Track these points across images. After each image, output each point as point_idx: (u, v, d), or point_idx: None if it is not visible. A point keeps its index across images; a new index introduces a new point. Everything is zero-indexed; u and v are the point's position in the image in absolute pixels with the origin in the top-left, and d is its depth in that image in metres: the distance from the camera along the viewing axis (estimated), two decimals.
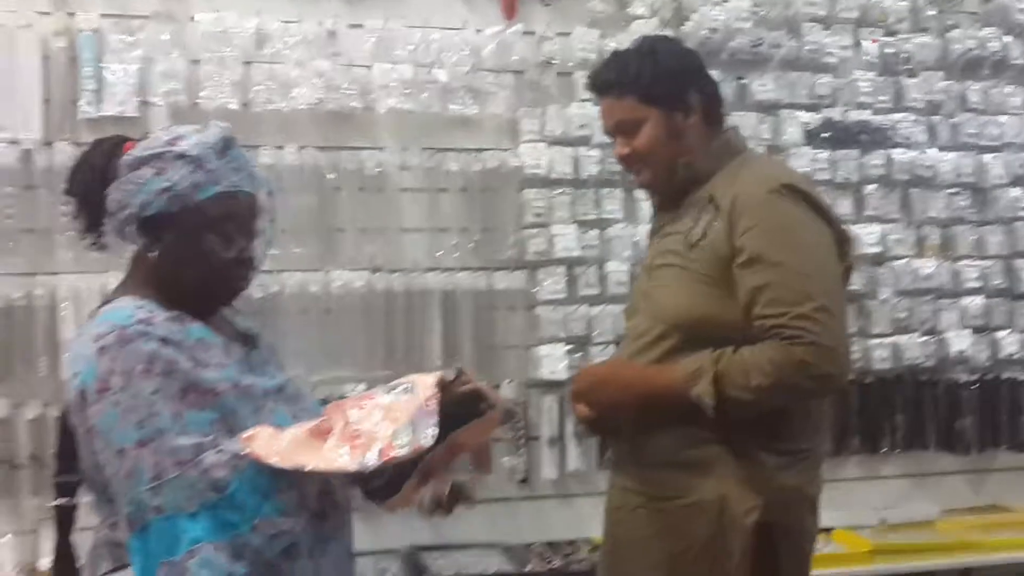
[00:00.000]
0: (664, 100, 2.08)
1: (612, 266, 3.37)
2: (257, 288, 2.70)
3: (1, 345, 2.97)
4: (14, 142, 2.99)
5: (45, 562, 2.82)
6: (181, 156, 1.62)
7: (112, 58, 3.06)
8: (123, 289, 1.68)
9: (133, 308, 1.59)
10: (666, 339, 2.03)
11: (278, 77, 3.16)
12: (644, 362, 2.07)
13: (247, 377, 1.64)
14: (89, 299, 2.99)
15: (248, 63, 3.16)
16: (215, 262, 1.65)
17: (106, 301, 1.68)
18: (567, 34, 3.43)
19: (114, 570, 1.60)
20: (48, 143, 3.02)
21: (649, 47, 2.15)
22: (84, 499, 1.73)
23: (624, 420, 2.11)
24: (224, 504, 1.48)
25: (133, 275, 1.69)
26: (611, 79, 2.14)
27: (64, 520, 1.71)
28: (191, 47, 3.13)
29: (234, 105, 3.12)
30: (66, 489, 1.69)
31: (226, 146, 1.67)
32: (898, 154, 3.66)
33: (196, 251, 1.64)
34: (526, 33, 3.40)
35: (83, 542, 1.73)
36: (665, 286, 2.07)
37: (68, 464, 1.65)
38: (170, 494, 1.48)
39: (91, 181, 1.65)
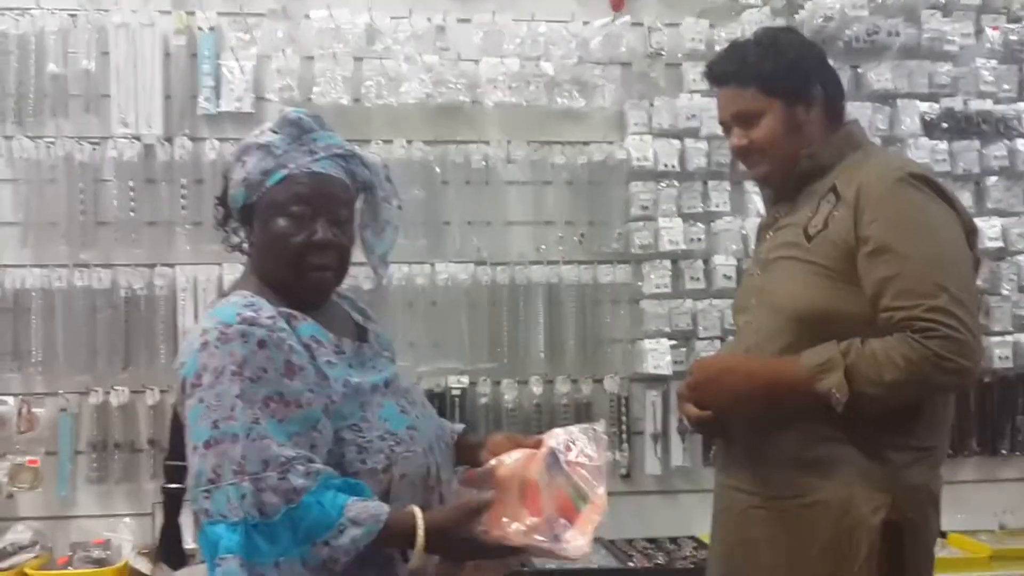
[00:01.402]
0: (786, 92, 2.03)
1: (718, 260, 3.33)
2: (365, 279, 2.74)
3: (123, 334, 3.10)
4: (136, 138, 3.12)
5: None
6: (260, 146, 1.67)
7: (229, 55, 3.16)
8: (240, 283, 1.73)
9: (241, 305, 1.60)
10: (786, 334, 1.98)
11: (388, 72, 3.21)
12: (763, 355, 2.02)
13: (355, 374, 1.66)
14: (207, 289, 3.11)
15: (359, 59, 3.22)
16: (288, 246, 1.65)
17: (224, 294, 1.73)
18: (676, 25, 3.40)
19: None
20: (168, 138, 3.14)
21: (772, 38, 2.10)
22: None
23: (734, 420, 2.06)
24: (263, 528, 1.49)
25: (248, 270, 1.74)
26: (732, 69, 2.08)
27: (172, 503, 1.76)
28: (305, 44, 3.21)
29: (345, 100, 3.19)
30: (176, 474, 1.73)
31: (301, 130, 1.68)
32: (1022, 145, 3.52)
33: (272, 237, 1.66)
34: (634, 24, 3.38)
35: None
36: (784, 280, 2.02)
37: (179, 450, 1.68)
38: (220, 500, 1.50)
39: (224, 184, 1.72)
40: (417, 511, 1.58)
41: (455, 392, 3.20)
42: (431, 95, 3.22)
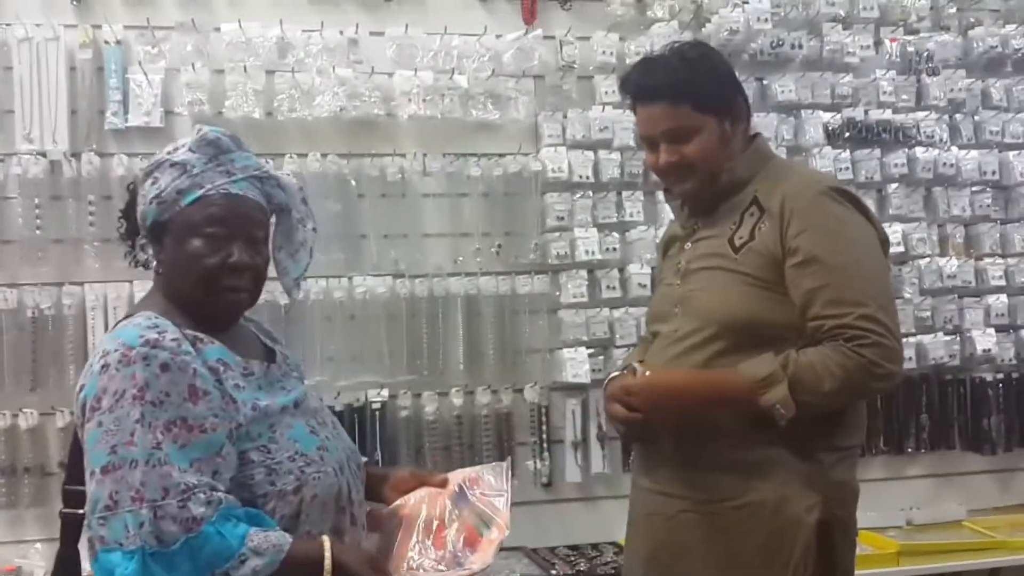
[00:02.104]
0: (718, 108, 2.07)
1: (633, 269, 3.38)
2: (281, 295, 2.72)
3: (30, 354, 3.01)
4: (42, 154, 3.04)
5: None
6: (173, 164, 1.65)
7: (137, 69, 3.10)
8: (144, 303, 1.70)
9: (144, 327, 1.57)
10: (715, 341, 2.02)
11: (301, 86, 3.19)
12: (689, 365, 2.06)
13: (263, 396, 1.64)
14: (117, 307, 3.04)
15: (271, 72, 3.20)
16: (202, 268, 1.63)
17: (128, 314, 1.69)
18: (587, 38, 3.44)
19: None
20: (75, 154, 3.06)
21: (700, 54, 2.11)
22: None
23: (662, 425, 2.09)
24: (160, 557, 1.46)
25: (155, 289, 1.71)
26: (662, 86, 2.06)
27: (70, 529, 1.70)
28: (215, 57, 3.17)
29: (258, 114, 3.16)
30: (74, 499, 1.68)
31: (219, 150, 1.67)
32: (920, 153, 3.65)
33: (186, 257, 1.64)
34: (546, 38, 3.42)
35: None
36: (710, 289, 2.06)
37: (78, 474, 1.64)
38: (116, 527, 1.47)
39: (129, 198, 1.70)
40: (327, 543, 1.57)
41: (375, 406, 3.18)
42: (345, 108, 3.21)
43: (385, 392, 3.20)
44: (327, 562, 1.55)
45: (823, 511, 1.98)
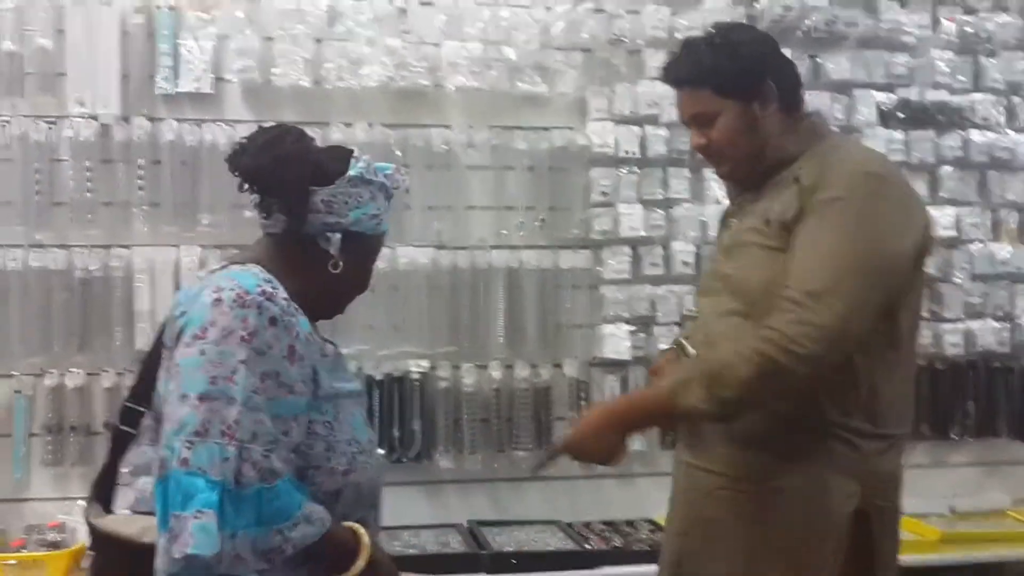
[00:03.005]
0: (740, 92, 2.05)
1: (677, 246, 3.35)
2: None
3: (79, 315, 3.06)
4: (93, 117, 3.07)
5: None
6: (384, 189, 1.77)
7: (188, 35, 3.12)
8: (257, 256, 1.73)
9: (261, 278, 1.64)
10: (749, 316, 2.00)
11: (349, 55, 3.19)
12: (731, 339, 2.03)
13: (332, 378, 1.70)
14: (163, 271, 3.08)
15: (320, 41, 3.20)
16: (360, 290, 1.84)
17: (230, 262, 1.74)
18: (637, 12, 3.40)
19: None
20: (125, 118, 3.09)
21: (723, 37, 2.10)
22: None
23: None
24: (233, 497, 1.50)
25: (270, 254, 1.73)
26: (686, 71, 2.10)
27: (118, 444, 1.74)
28: (265, 24, 3.18)
29: (306, 83, 3.17)
30: (131, 417, 1.72)
31: (389, 194, 1.81)
32: (976, 135, 3.57)
33: (358, 274, 1.80)
34: (596, 10, 3.38)
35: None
36: (747, 265, 2.05)
37: (142, 396, 1.70)
38: (203, 454, 1.50)
39: (274, 166, 1.69)
40: (364, 534, 1.64)
41: (415, 376, 3.20)
42: (392, 78, 3.20)
43: (425, 363, 3.22)
44: (365, 550, 1.63)
45: (862, 500, 1.96)
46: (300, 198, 1.69)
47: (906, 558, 3.04)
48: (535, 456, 3.06)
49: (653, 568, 2.47)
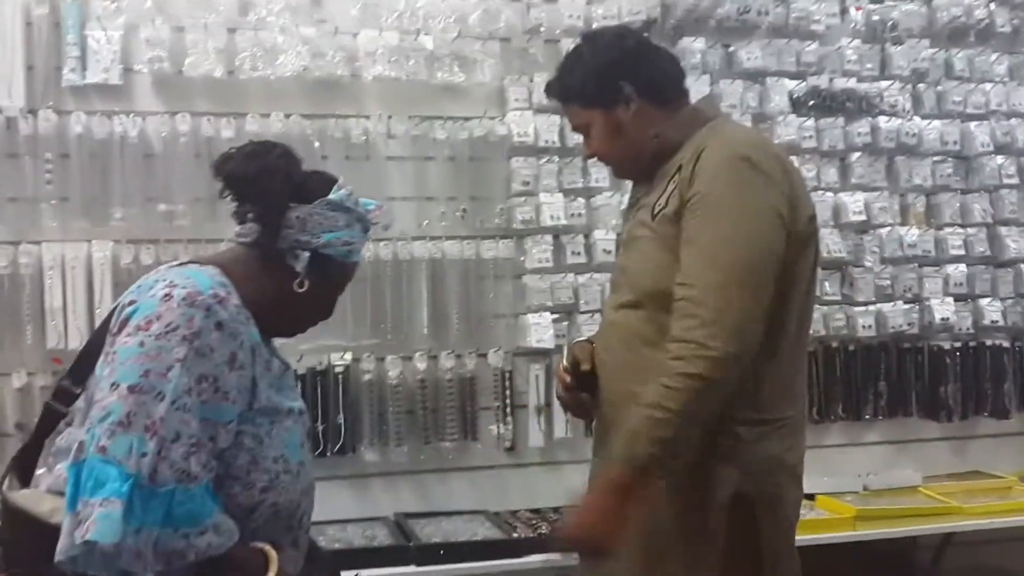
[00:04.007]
0: (600, 100, 2.11)
1: (598, 235, 3.38)
2: None
3: None
4: None
5: None
6: (362, 220, 1.78)
7: (95, 25, 3.03)
8: (220, 260, 1.73)
9: (217, 281, 1.64)
10: (641, 307, 2.04)
11: (263, 44, 3.14)
12: (620, 330, 2.08)
13: (273, 394, 1.69)
14: (75, 267, 3.00)
15: (233, 30, 3.14)
16: (323, 316, 1.84)
17: (191, 261, 1.74)
18: (554, 1, 3.41)
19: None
20: (32, 111, 3.00)
21: (577, 52, 2.18)
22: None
23: (600, 400, 2.13)
24: (143, 492, 1.49)
25: (235, 261, 1.73)
26: (555, 91, 2.22)
27: (47, 422, 1.72)
28: (175, 13, 3.11)
29: (219, 73, 3.11)
30: (66, 397, 1.70)
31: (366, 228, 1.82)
32: (883, 122, 3.67)
33: (322, 299, 1.79)
34: (512, 0, 3.38)
35: None
36: (636, 258, 2.09)
37: (79, 377, 1.68)
38: (122, 444, 1.49)
39: (257, 175, 1.69)
40: (272, 553, 1.63)
41: (338, 369, 3.17)
42: (308, 68, 3.16)
43: (348, 356, 3.19)
44: (272, 571, 1.62)
45: (741, 485, 1.96)
46: (277, 211, 1.70)
47: (822, 536, 3.16)
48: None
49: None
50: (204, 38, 3.09)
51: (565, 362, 2.21)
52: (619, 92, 2.09)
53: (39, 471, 1.69)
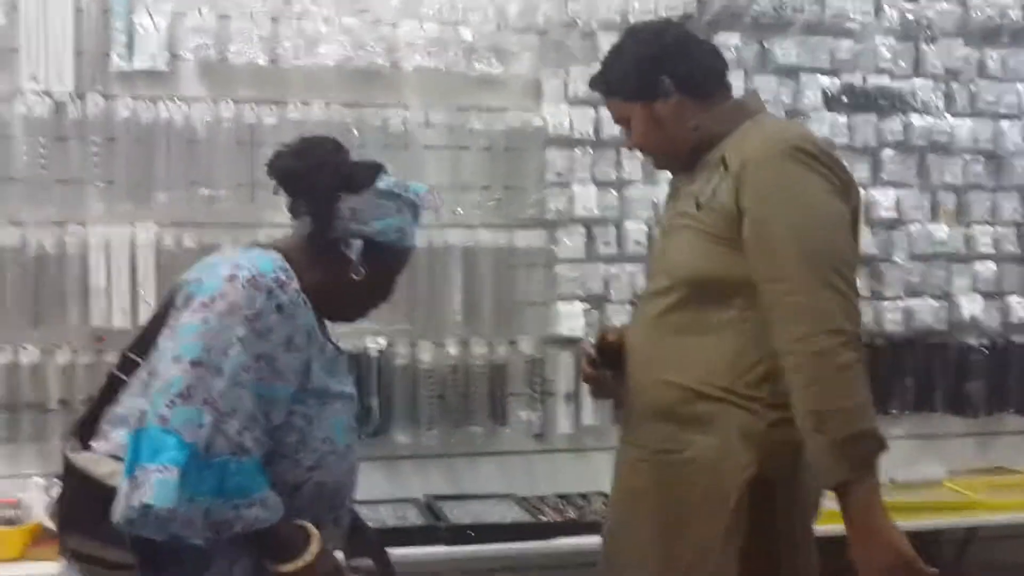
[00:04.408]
0: (639, 94, 2.15)
1: (630, 226, 3.42)
2: None
3: (33, 292, 3.03)
4: (47, 93, 3.04)
5: None
6: (412, 206, 1.83)
7: (143, 12, 3.10)
8: (282, 247, 1.79)
9: (278, 266, 1.70)
10: (673, 293, 2.08)
11: (306, 33, 3.20)
12: (651, 316, 2.12)
13: (326, 377, 1.74)
14: (119, 248, 3.07)
15: (276, 19, 3.20)
16: (380, 302, 1.90)
17: (255, 245, 1.82)
18: None
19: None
20: (80, 95, 3.07)
21: (618, 45, 2.22)
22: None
23: (627, 379, 2.17)
24: (198, 462, 1.55)
25: (296, 246, 1.80)
26: (598, 85, 2.26)
27: (110, 388, 1.78)
28: (220, 2, 3.16)
29: (262, 61, 3.16)
30: (129, 366, 1.76)
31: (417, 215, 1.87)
32: (916, 120, 3.69)
33: (386, 282, 1.86)
34: None
35: None
36: (678, 246, 2.12)
37: (142, 348, 1.74)
38: (181, 415, 1.56)
39: (307, 170, 1.76)
40: (314, 531, 1.68)
41: (372, 353, 3.23)
42: (350, 57, 3.22)
43: (382, 340, 3.25)
44: (311, 552, 1.66)
45: (762, 469, 1.98)
46: (328, 203, 1.76)
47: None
48: None
49: None
50: (248, 26, 3.15)
51: (593, 339, 2.26)
52: (658, 86, 2.12)
53: (99, 436, 1.75)
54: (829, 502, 2.06)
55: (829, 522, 2.32)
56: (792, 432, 2.01)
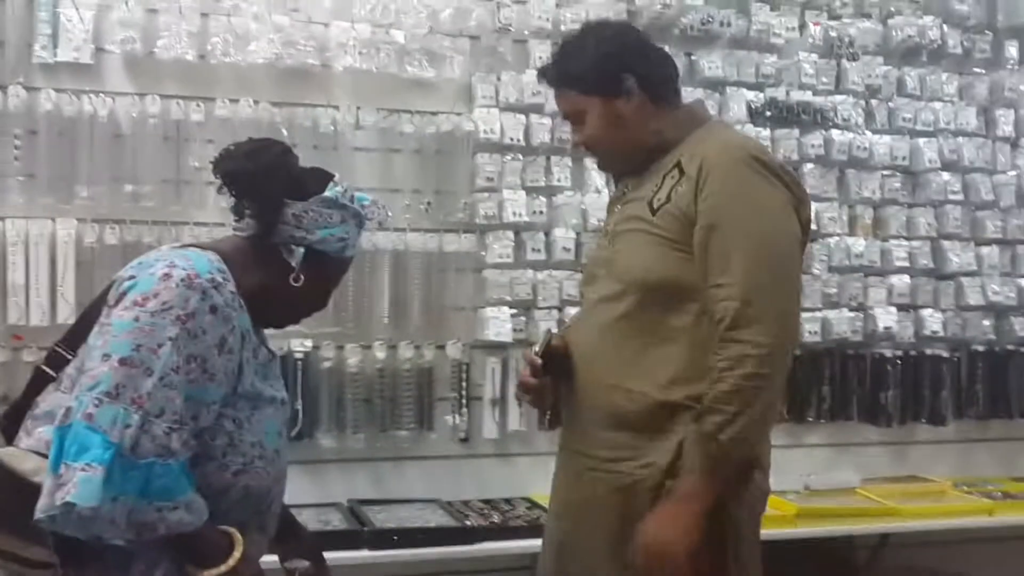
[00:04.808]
0: (601, 89, 2.13)
1: (559, 233, 3.44)
2: None
3: None
4: None
5: None
6: (357, 216, 1.82)
7: (68, 3, 3.03)
8: (221, 247, 1.76)
9: (215, 267, 1.68)
10: (626, 298, 2.09)
11: (236, 30, 3.16)
12: (604, 322, 2.12)
13: (258, 381, 1.73)
14: (39, 243, 2.99)
15: (205, 15, 3.15)
16: (316, 309, 1.90)
17: (193, 244, 1.78)
18: (523, 2, 3.47)
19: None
20: (2, 87, 2.99)
21: (582, 38, 2.20)
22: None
23: (573, 390, 2.17)
24: (123, 462, 1.52)
25: (236, 248, 1.77)
26: (553, 74, 2.22)
27: (37, 383, 1.75)
28: None
29: (190, 56, 3.12)
30: (57, 361, 1.74)
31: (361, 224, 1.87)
32: (836, 135, 3.78)
33: (316, 293, 1.85)
34: None
35: None
36: (630, 250, 2.12)
37: (72, 343, 1.72)
38: (107, 414, 1.53)
39: (254, 173, 1.74)
40: (238, 537, 1.67)
41: (298, 356, 3.20)
42: (280, 56, 3.19)
43: (309, 343, 3.22)
44: (235, 557, 1.65)
45: None
46: (273, 207, 1.74)
47: (765, 532, 3.22)
48: None
49: (530, 543, 2.54)
50: (177, 21, 3.10)
51: (538, 347, 2.22)
52: (621, 83, 2.12)
53: (23, 432, 1.71)
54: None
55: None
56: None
